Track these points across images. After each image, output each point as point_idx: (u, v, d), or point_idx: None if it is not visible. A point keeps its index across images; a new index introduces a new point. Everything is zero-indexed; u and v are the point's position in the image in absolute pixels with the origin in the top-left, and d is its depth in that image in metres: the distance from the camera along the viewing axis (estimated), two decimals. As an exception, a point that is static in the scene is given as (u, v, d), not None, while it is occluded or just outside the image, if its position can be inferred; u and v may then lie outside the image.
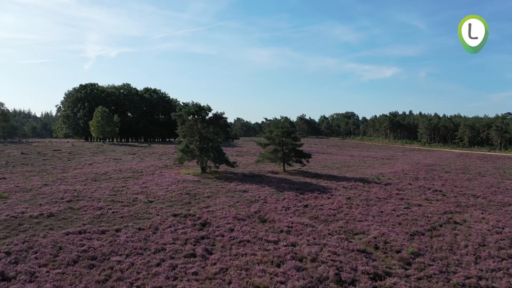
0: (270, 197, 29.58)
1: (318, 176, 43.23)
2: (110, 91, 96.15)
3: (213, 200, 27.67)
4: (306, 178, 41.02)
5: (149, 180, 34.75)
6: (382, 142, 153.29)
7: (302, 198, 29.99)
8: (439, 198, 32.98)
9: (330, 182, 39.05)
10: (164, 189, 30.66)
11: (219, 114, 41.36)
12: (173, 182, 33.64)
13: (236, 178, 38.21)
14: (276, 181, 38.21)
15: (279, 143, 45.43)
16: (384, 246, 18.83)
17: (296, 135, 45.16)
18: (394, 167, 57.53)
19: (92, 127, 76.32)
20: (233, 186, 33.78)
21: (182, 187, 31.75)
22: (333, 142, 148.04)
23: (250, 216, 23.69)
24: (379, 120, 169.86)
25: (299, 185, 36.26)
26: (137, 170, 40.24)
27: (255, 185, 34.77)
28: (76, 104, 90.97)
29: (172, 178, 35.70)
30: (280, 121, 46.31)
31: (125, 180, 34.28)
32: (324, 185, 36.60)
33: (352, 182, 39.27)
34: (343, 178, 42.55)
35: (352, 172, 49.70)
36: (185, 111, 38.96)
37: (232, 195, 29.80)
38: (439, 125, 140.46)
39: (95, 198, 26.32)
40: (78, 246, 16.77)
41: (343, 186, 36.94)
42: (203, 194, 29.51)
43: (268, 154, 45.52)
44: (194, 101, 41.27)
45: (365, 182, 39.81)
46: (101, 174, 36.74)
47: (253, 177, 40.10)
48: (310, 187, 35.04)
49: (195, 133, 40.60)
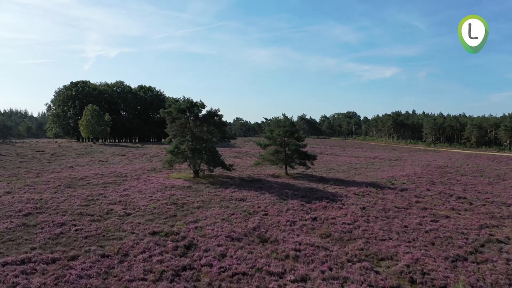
0: (272, 208, 25.12)
1: (324, 181, 38.75)
2: (102, 89, 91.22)
3: (204, 212, 23.18)
4: (311, 183, 36.56)
5: (133, 186, 30.26)
6: (385, 142, 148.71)
7: (309, 209, 25.52)
8: (466, 208, 28.52)
9: (338, 187, 34.59)
10: (147, 197, 26.16)
11: (214, 111, 36.88)
12: (159, 189, 29.15)
13: (232, 183, 33.74)
14: (278, 186, 33.74)
15: (280, 144, 40.95)
16: (423, 279, 14.31)
17: (299, 134, 40.66)
18: (405, 170, 53.11)
19: (81, 126, 71.60)
20: (228, 193, 29.32)
21: (168, 195, 27.25)
22: (335, 142, 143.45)
23: (247, 233, 19.21)
24: (382, 120, 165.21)
25: (304, 191, 31.80)
26: (121, 174, 35.73)
27: (254, 191, 30.32)
28: (66, 102, 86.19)
29: (159, 184, 31.21)
30: (282, 120, 41.81)
31: (105, 186, 29.77)
32: (332, 192, 32.14)
33: (364, 188, 34.83)
34: (352, 183, 38.10)
35: (361, 175, 45.25)
36: (175, 107, 34.46)
37: (227, 205, 25.33)
38: (445, 124, 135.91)
39: (60, 210, 21.82)
40: (9, 285, 12.26)
41: (354, 192, 32.49)
42: (193, 204, 25.02)
43: (268, 156, 41.05)
44: (186, 97, 36.81)
45: (377, 188, 35.37)
46: (79, 179, 32.24)
47: (252, 181, 35.64)
48: (317, 194, 30.57)
49: (187, 132, 36.13)
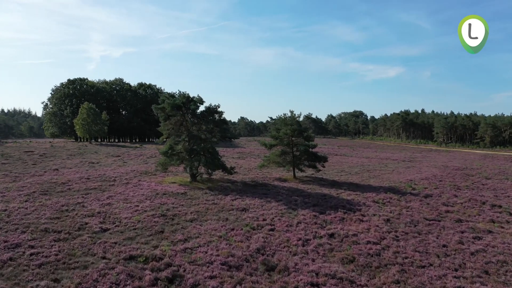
0: (279, 220, 21.07)
1: (337, 185, 34.65)
2: (100, 87, 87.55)
3: (197, 227, 19.19)
4: (322, 188, 32.47)
5: (119, 192, 26.33)
6: (394, 142, 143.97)
7: (323, 221, 21.45)
8: (508, 219, 24.32)
9: (354, 193, 30.48)
10: (132, 207, 22.20)
11: (213, 107, 32.89)
12: (148, 196, 25.20)
13: (234, 189, 29.73)
14: (286, 192, 29.70)
15: (288, 144, 36.87)
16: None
17: (309, 133, 36.56)
18: (423, 172, 48.82)
19: (77, 125, 67.91)
20: (228, 201, 25.30)
21: (158, 204, 23.28)
22: (343, 142, 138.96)
23: (249, 258, 15.20)
24: (390, 119, 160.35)
25: (315, 198, 27.72)
26: (109, 178, 31.85)
27: (258, 199, 26.29)
28: (63, 100, 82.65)
29: (150, 190, 27.27)
30: (289, 117, 37.72)
31: (86, 193, 25.87)
32: (348, 199, 28.03)
33: (382, 194, 30.71)
34: (368, 188, 33.96)
35: (376, 178, 41.08)
36: (168, 103, 30.50)
37: (226, 217, 21.32)
38: (457, 124, 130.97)
39: (22, 225, 17.93)
40: None
41: (372, 199, 28.37)
42: (185, 216, 21.03)
43: (274, 157, 36.97)
44: (182, 91, 32.87)
45: (398, 194, 31.23)
46: (59, 184, 28.38)
47: (256, 186, 31.61)
48: (331, 202, 26.47)
49: (183, 131, 32.18)
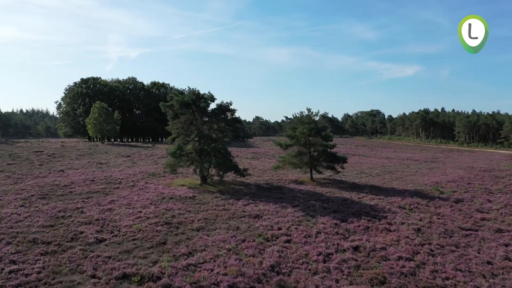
0: (296, 229, 18.84)
1: (358, 188, 32.17)
2: (113, 86, 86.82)
3: (204, 237, 17.12)
4: (342, 192, 30.05)
5: (123, 196, 24.53)
6: (414, 142, 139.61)
7: (345, 231, 19.12)
8: (556, 229, 21.47)
9: (377, 198, 27.98)
10: (134, 213, 20.31)
11: (225, 105, 30.84)
12: (154, 201, 23.29)
13: (247, 192, 27.62)
14: (303, 196, 27.41)
15: (305, 144, 34.54)
16: None
17: (327, 133, 34.10)
18: (448, 174, 45.75)
19: (89, 125, 67.02)
20: (240, 206, 23.19)
21: (163, 209, 21.33)
22: (360, 141, 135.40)
23: (261, 277, 13.04)
24: (409, 118, 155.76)
25: (335, 203, 25.37)
26: (114, 180, 30.15)
27: (272, 204, 24.10)
28: (76, 100, 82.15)
29: (156, 194, 25.38)
30: (306, 116, 35.38)
31: (88, 196, 24.14)
32: (371, 204, 25.56)
33: (408, 198, 28.14)
34: (392, 191, 31.38)
35: (399, 180, 38.35)
36: (177, 100, 28.57)
37: (237, 225, 19.20)
38: (479, 122, 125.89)
39: (10, 234, 16.18)
40: None
41: (398, 205, 25.84)
42: (192, 224, 19.00)
43: (290, 158, 34.68)
44: (192, 88, 30.91)
45: (425, 198, 28.60)
46: (62, 187, 26.77)
47: (271, 190, 29.43)
48: (352, 208, 24.08)
49: (192, 130, 30.23)
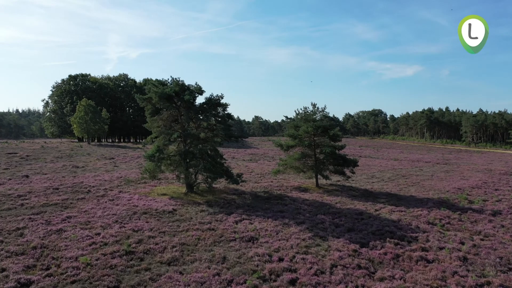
0: (303, 261, 13.95)
1: (371, 196, 27.35)
2: (103, 83, 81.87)
3: (176, 276, 12.19)
4: (355, 201, 25.21)
5: (84, 211, 19.63)
6: (418, 142, 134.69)
7: (369, 262, 14.24)
8: None
9: (397, 209, 23.17)
10: (90, 237, 15.40)
11: (215, 98, 26.01)
12: (121, 218, 18.40)
13: (240, 204, 22.75)
14: (308, 209, 22.55)
15: (309, 145, 29.69)
16: None
17: (336, 131, 29.25)
18: (467, 177, 40.99)
19: (74, 124, 62.01)
20: (231, 224, 18.34)
21: (130, 230, 16.43)
22: (363, 142, 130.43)
23: None
24: (413, 118, 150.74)
25: (349, 218, 20.52)
26: (83, 188, 25.26)
27: (271, 220, 19.25)
28: (63, 98, 77.14)
29: (128, 207, 20.49)
30: (311, 112, 30.57)
31: (40, 211, 19.23)
32: (393, 219, 20.70)
33: (435, 210, 23.40)
34: (412, 200, 26.58)
35: (416, 186, 33.55)
36: (156, 92, 23.73)
37: (224, 254, 14.29)
38: (487, 122, 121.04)
39: None
40: None
41: (425, 219, 21.01)
42: (163, 254, 14.09)
43: (292, 161, 29.82)
44: (175, 77, 26.02)
45: (454, 209, 23.86)
46: (14, 198, 21.88)
47: (270, 200, 24.57)
48: (371, 225, 19.23)
49: (177, 129, 25.38)
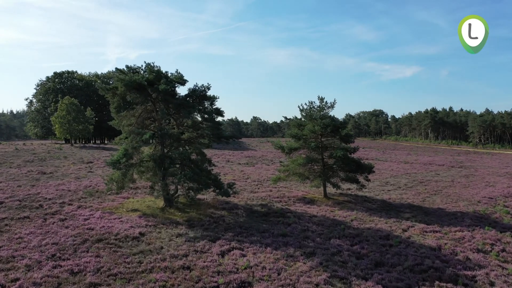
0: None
1: (393, 210, 22.30)
2: (91, 80, 76.75)
3: None
4: (374, 218, 20.15)
5: (16, 237, 14.50)
6: (422, 143, 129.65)
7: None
8: None
9: (429, 228, 18.17)
10: (-2, 288, 10.32)
11: (200, 90, 20.87)
12: (62, 249, 13.29)
13: (230, 223, 17.65)
14: (318, 230, 17.47)
15: (316, 147, 24.58)
16: None
17: (348, 131, 24.14)
18: (493, 184, 36.00)
19: (55, 124, 56.83)
20: (215, 258, 13.24)
21: (66, 271, 11.28)
22: (365, 143, 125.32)
23: None
24: (416, 118, 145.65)
25: (374, 245, 15.47)
26: (34, 202, 20.10)
27: (270, 250, 14.19)
28: (47, 96, 71.98)
29: (79, 230, 15.38)
30: (318, 108, 25.49)
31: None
32: (431, 246, 15.64)
33: (478, 230, 18.54)
34: (443, 215, 21.58)
35: (440, 196, 28.55)
36: (122, 80, 18.47)
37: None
38: (495, 122, 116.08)
39: None
40: None
41: (473, 246, 16.02)
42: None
43: (296, 167, 24.67)
44: (151, 63, 20.75)
45: (501, 229, 18.94)
46: None
47: (268, 216, 19.48)
48: (404, 256, 14.17)
49: (150, 127, 20.22)
